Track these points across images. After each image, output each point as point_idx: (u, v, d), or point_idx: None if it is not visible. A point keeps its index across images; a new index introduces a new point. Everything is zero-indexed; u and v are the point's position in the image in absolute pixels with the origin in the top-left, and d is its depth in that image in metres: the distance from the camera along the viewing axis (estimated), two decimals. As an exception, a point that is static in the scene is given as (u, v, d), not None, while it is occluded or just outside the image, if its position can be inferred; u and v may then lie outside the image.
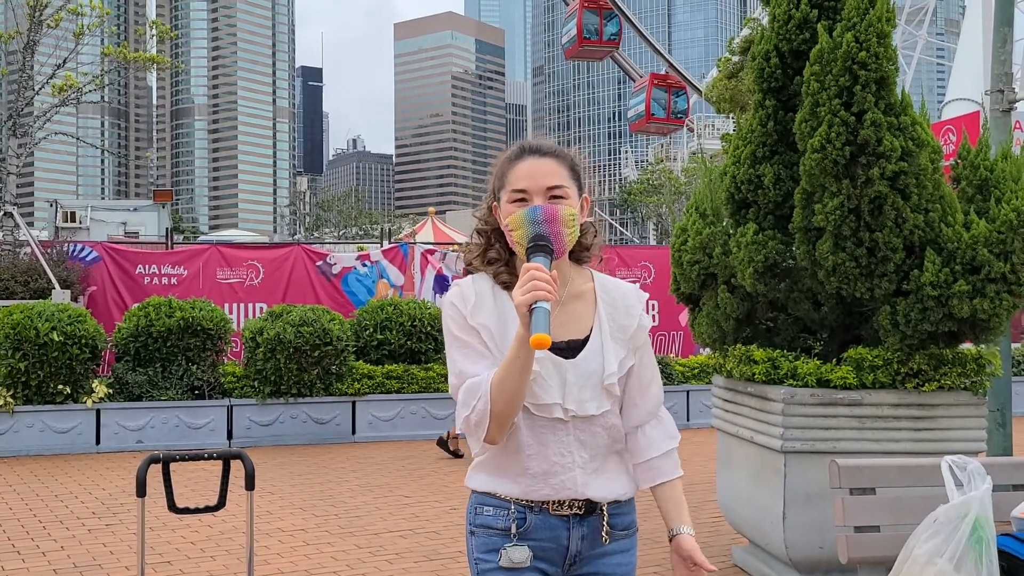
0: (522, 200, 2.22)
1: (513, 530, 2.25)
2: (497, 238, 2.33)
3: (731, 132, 34.51)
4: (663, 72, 49.04)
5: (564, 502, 2.25)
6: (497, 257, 2.31)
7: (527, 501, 2.25)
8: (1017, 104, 6.80)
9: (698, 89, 49.73)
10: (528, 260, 2.12)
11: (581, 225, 2.30)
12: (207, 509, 3.74)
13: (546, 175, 2.22)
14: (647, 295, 2.44)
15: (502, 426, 2.16)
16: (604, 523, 2.28)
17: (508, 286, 2.27)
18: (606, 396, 2.26)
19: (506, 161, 2.29)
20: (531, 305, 2.01)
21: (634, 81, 51.00)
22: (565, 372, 2.22)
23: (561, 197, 2.22)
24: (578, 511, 2.26)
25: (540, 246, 2.12)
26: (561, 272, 2.25)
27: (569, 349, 2.24)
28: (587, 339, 2.27)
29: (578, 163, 2.31)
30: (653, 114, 47.57)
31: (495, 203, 2.31)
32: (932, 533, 2.80)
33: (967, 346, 5.08)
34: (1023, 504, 3.18)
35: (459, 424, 2.22)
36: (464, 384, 2.19)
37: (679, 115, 48.33)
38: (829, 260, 4.80)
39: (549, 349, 2.11)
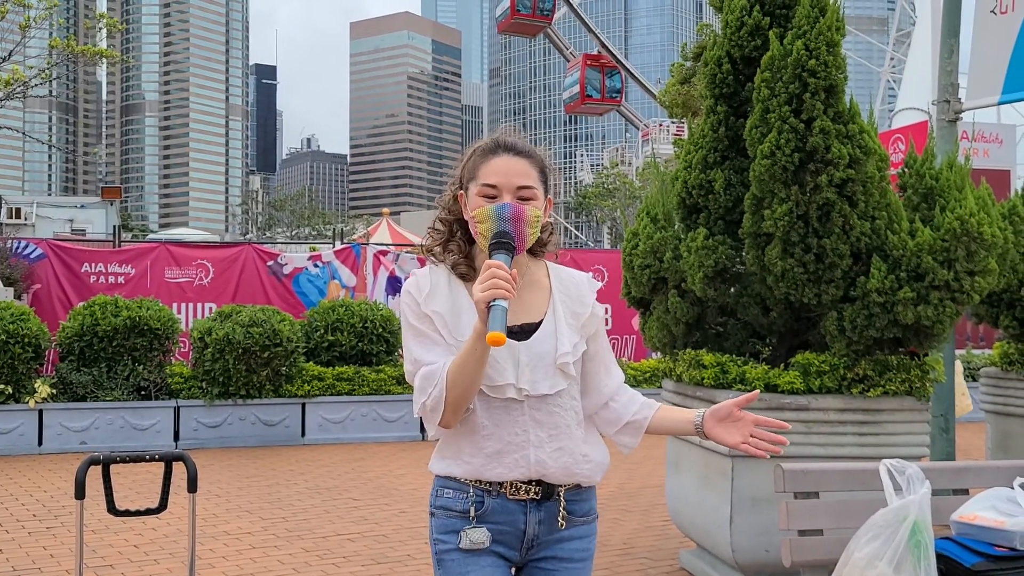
0: (491, 196, 2.27)
1: (472, 513, 2.30)
2: (459, 228, 2.39)
3: (683, 137, 34.77)
4: (596, 52, 49.36)
5: (520, 487, 2.30)
6: (457, 248, 2.37)
7: (485, 484, 2.30)
8: (963, 114, 6.91)
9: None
10: (490, 256, 2.18)
11: (545, 224, 2.41)
12: (148, 512, 3.67)
13: (518, 174, 2.29)
14: (600, 284, 2.50)
15: (456, 412, 2.24)
16: (561, 508, 2.34)
17: (465, 277, 2.35)
18: (560, 376, 2.32)
19: (479, 153, 2.34)
20: (490, 302, 2.07)
21: (567, 60, 50.98)
22: (518, 354, 2.28)
23: (529, 198, 2.29)
24: (535, 496, 2.31)
25: (503, 244, 2.19)
26: (518, 263, 2.33)
27: (523, 332, 2.31)
28: (540, 323, 2.33)
29: (548, 165, 2.38)
30: (588, 95, 47.93)
31: (461, 192, 2.36)
32: (872, 537, 2.83)
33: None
34: (962, 508, 3.23)
35: (415, 408, 2.29)
36: (420, 371, 2.27)
37: (614, 95, 48.65)
38: (778, 265, 4.84)
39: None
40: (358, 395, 10.63)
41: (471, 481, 2.31)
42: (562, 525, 2.34)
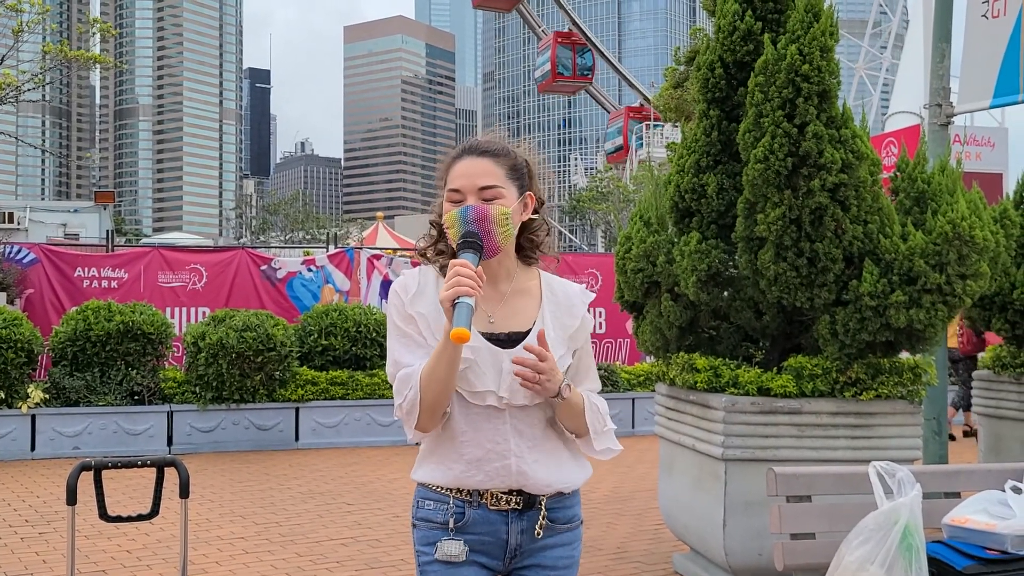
0: (458, 200, 2.27)
1: (451, 524, 2.29)
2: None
3: (676, 141, 34.84)
4: (566, 30, 49.59)
5: (501, 497, 2.28)
6: (446, 249, 2.37)
7: (465, 494, 2.29)
8: (955, 118, 6.94)
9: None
10: (457, 256, 2.19)
11: (532, 223, 2.38)
12: (140, 518, 3.67)
13: (479, 175, 2.27)
14: (593, 295, 2.48)
15: (432, 415, 2.24)
16: (541, 518, 2.32)
17: None
18: None
19: (449, 160, 2.35)
20: (454, 300, 2.07)
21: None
22: (502, 361, 2.26)
23: (494, 198, 2.26)
24: (516, 506, 2.30)
25: (469, 243, 2.19)
26: (503, 268, 2.33)
27: (510, 340, 2.30)
28: (528, 331, 2.31)
29: (520, 161, 2.35)
30: (559, 73, 48.08)
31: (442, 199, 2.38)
32: (863, 540, 2.83)
33: (904, 356, 5.17)
34: (953, 511, 3.24)
35: (395, 411, 2.30)
36: (398, 373, 2.28)
37: (585, 72, 48.74)
38: (770, 269, 4.85)
39: (492, 340, 2.25)
40: (352, 399, 10.62)
41: (452, 491, 2.30)
42: (539, 535, 2.33)
